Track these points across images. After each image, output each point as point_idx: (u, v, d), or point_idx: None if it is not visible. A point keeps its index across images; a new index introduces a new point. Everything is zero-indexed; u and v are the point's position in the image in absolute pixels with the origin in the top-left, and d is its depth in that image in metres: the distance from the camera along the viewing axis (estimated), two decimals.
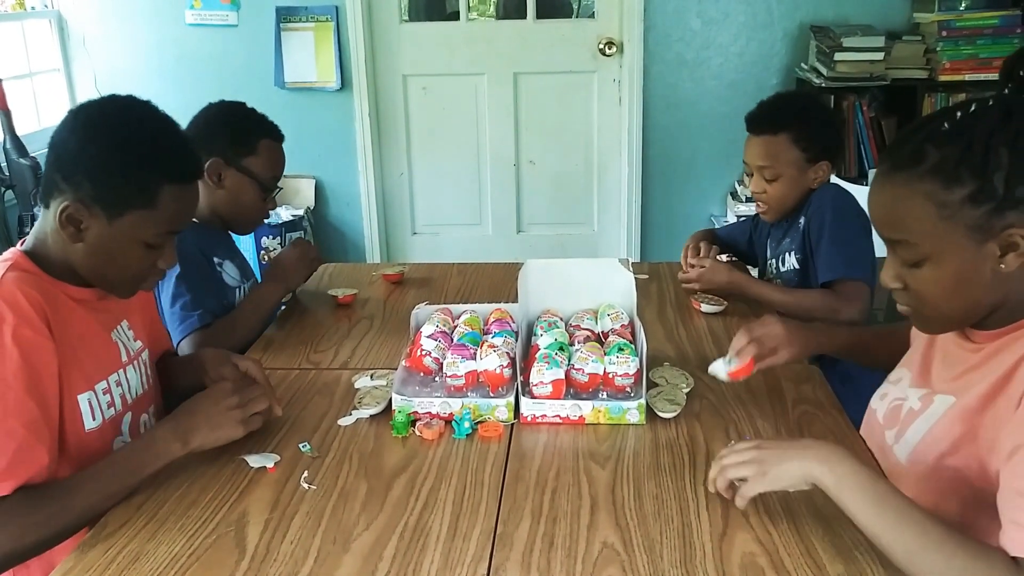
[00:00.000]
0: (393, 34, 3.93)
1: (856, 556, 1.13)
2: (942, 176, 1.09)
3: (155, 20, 3.88)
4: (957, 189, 1.08)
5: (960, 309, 1.17)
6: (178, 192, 1.37)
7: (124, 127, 1.35)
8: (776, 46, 3.79)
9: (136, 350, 1.52)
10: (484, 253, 4.03)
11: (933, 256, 1.13)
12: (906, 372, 1.38)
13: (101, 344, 1.43)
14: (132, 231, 1.34)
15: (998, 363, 1.16)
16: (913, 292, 1.19)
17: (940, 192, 1.09)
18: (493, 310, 1.82)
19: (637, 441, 1.46)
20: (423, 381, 1.61)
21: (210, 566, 1.16)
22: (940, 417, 1.23)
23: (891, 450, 1.32)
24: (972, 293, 1.14)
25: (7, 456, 1.19)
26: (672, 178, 3.99)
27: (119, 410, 1.43)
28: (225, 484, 1.35)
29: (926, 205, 1.10)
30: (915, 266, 1.16)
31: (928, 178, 1.10)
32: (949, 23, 3.44)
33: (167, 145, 1.38)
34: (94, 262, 1.36)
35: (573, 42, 3.92)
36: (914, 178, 1.11)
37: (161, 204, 1.34)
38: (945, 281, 1.14)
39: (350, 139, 3.99)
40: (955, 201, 1.09)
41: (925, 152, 1.11)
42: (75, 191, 1.31)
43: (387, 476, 1.37)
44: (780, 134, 2.01)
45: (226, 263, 2.06)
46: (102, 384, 1.40)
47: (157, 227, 1.36)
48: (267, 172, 2.06)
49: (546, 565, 1.15)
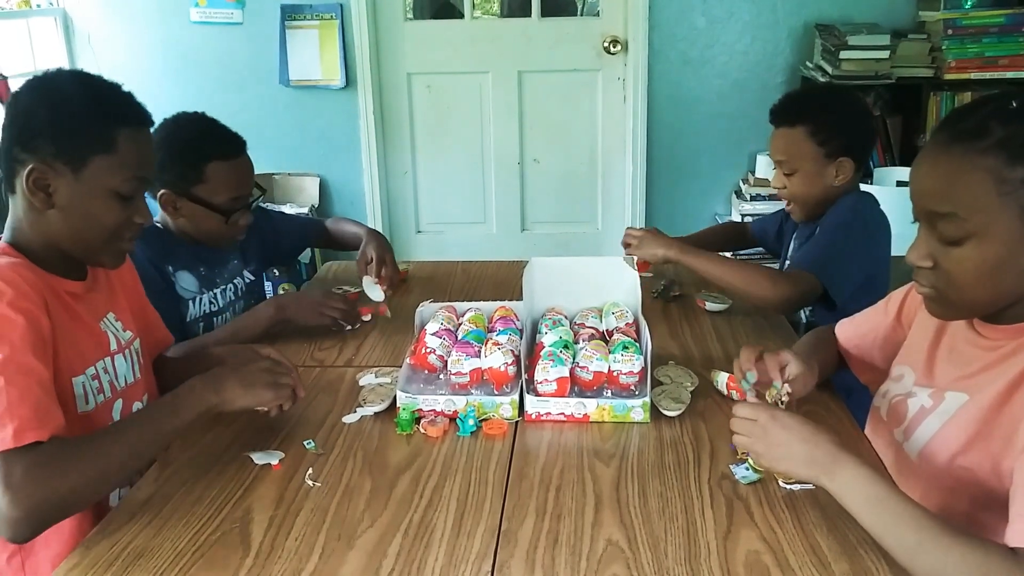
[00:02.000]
0: (397, 32, 3.93)
1: (861, 554, 1.13)
2: (1007, 152, 1.07)
3: (160, 18, 3.88)
4: (1021, 167, 1.07)
5: (986, 296, 1.16)
6: (134, 135, 1.38)
7: (68, 84, 1.39)
8: (781, 44, 3.78)
9: (127, 340, 1.52)
10: (488, 252, 4.03)
11: (979, 234, 1.11)
12: (907, 369, 1.37)
13: (90, 331, 1.43)
14: (100, 180, 1.35)
15: (1015, 362, 1.15)
16: (943, 272, 1.16)
17: (1003, 168, 1.08)
18: (498, 308, 1.82)
19: (641, 439, 1.46)
20: (427, 379, 1.61)
21: (215, 562, 1.16)
22: (953, 415, 1.23)
23: (900, 447, 1.32)
24: (1004, 280, 1.13)
25: (30, 407, 1.18)
26: (676, 177, 3.99)
27: (108, 396, 1.43)
28: (230, 481, 1.35)
29: (985, 180, 1.08)
30: (954, 244, 1.13)
31: (992, 153, 1.08)
32: (955, 21, 3.43)
33: (113, 92, 1.40)
34: (71, 226, 1.36)
35: (577, 40, 3.92)
36: (976, 152, 1.09)
37: (121, 147, 1.35)
38: (983, 262, 1.12)
39: (354, 137, 3.99)
40: (1017, 179, 1.07)
41: (990, 127, 1.09)
42: (35, 155, 1.32)
43: (391, 473, 1.37)
44: (797, 127, 1.96)
45: (181, 273, 1.96)
46: (90, 370, 1.40)
47: (122, 172, 1.37)
48: (223, 195, 1.92)
49: (550, 562, 1.14)
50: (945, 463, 1.22)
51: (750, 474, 1.24)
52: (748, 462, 1.26)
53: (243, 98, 3.90)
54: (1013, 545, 1.01)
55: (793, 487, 1.29)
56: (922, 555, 1.03)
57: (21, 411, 1.17)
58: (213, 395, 1.35)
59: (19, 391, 1.18)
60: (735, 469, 1.30)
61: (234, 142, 1.97)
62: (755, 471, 1.24)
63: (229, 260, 2.10)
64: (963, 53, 3.43)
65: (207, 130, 1.95)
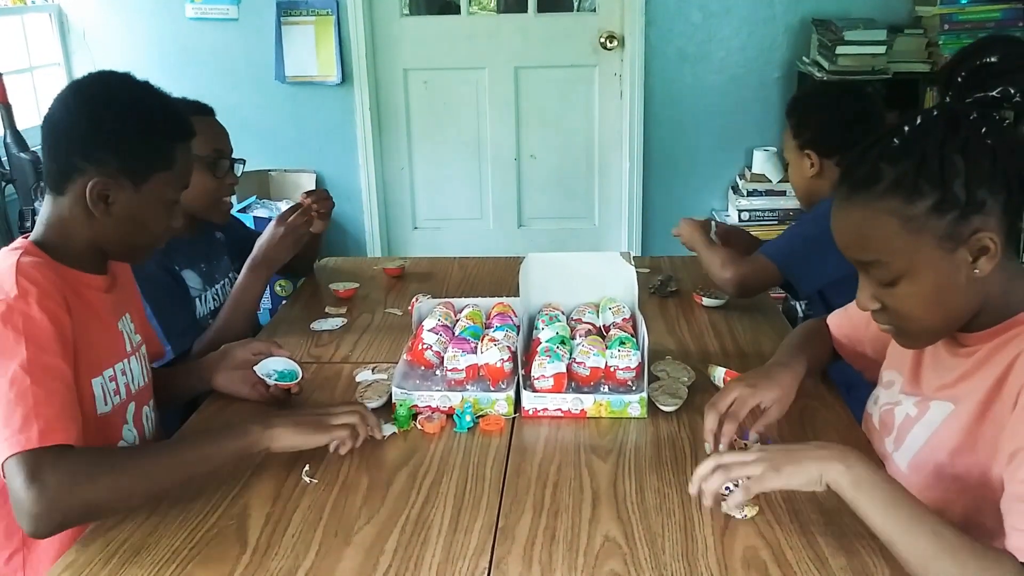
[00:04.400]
0: (394, 28, 3.92)
1: (858, 549, 1.13)
2: (902, 191, 1.09)
3: (156, 14, 3.87)
4: (919, 202, 1.08)
5: (941, 320, 1.17)
6: (187, 148, 1.45)
7: (128, 98, 1.41)
8: (778, 40, 3.78)
9: (137, 343, 1.53)
10: (485, 247, 4.02)
11: (907, 272, 1.12)
12: (896, 375, 1.37)
13: (109, 331, 1.44)
14: (158, 193, 1.40)
15: (991, 368, 1.15)
16: (892, 311, 1.18)
17: (903, 207, 1.09)
18: (496, 304, 1.82)
19: (639, 435, 1.46)
20: (424, 375, 1.61)
21: (211, 559, 1.16)
22: (939, 425, 1.22)
23: (891, 457, 1.32)
24: (952, 302, 1.14)
25: (56, 408, 1.18)
26: (673, 172, 3.98)
27: (123, 399, 1.44)
28: (226, 478, 1.35)
29: (891, 222, 1.10)
30: (890, 285, 1.15)
31: (888, 196, 1.10)
32: (951, 16, 3.43)
33: (169, 106, 1.45)
34: (123, 233, 1.40)
35: (574, 36, 3.91)
36: (874, 198, 1.11)
37: (177, 162, 1.42)
38: (923, 295, 1.13)
39: (351, 133, 3.98)
40: (919, 214, 1.08)
41: (880, 171, 1.10)
42: (98, 167, 1.34)
43: (388, 470, 1.37)
44: (790, 118, 2.10)
45: (185, 272, 1.97)
46: (109, 371, 1.41)
47: (175, 184, 1.44)
48: (205, 147, 1.89)
49: (548, 559, 1.14)
50: (935, 472, 1.22)
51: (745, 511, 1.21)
52: None
53: (239, 94, 3.89)
54: (1023, 560, 1.00)
55: None
56: (936, 564, 1.01)
57: (47, 411, 1.17)
58: (259, 428, 1.32)
59: (45, 391, 1.18)
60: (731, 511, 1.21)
61: (204, 104, 1.99)
62: (750, 506, 1.21)
63: (221, 257, 2.11)
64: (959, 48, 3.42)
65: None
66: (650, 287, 2.12)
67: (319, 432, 1.37)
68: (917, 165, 1.08)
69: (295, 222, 2.01)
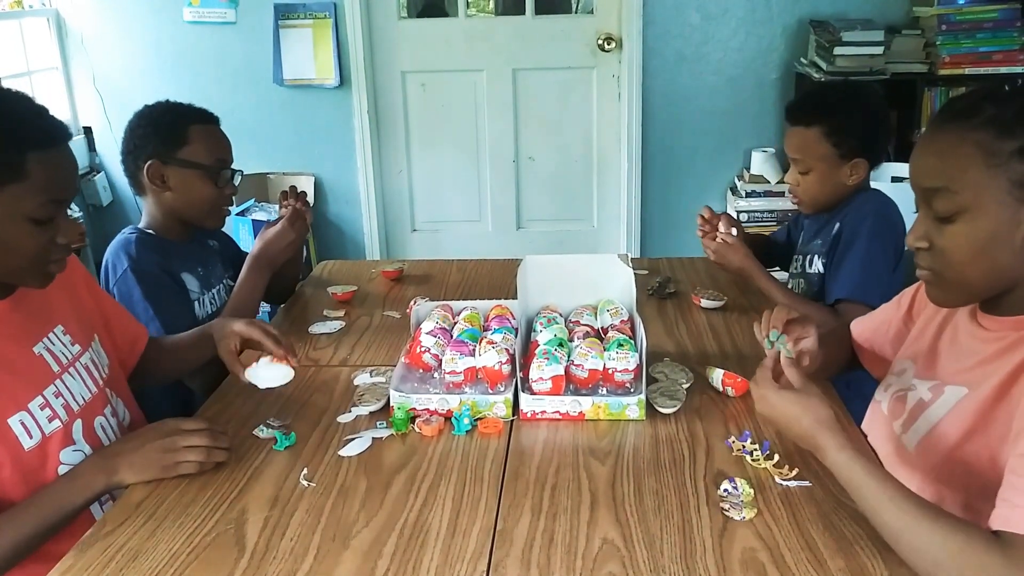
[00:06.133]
0: (392, 31, 3.92)
1: (856, 550, 1.13)
2: (996, 127, 1.10)
3: (153, 18, 3.87)
4: (1009, 141, 1.09)
5: (982, 276, 1.16)
6: (46, 156, 1.29)
7: None
8: (775, 41, 3.78)
9: (73, 355, 1.45)
10: (484, 250, 4.03)
11: (970, 208, 1.12)
12: (909, 363, 1.38)
13: (23, 362, 1.37)
14: (11, 208, 1.27)
15: (1013, 355, 1.16)
16: (939, 251, 1.17)
17: (991, 142, 1.10)
18: (494, 307, 1.82)
19: (637, 437, 1.46)
20: (422, 377, 1.61)
21: (210, 563, 1.16)
22: (952, 408, 1.23)
23: (898, 440, 1.33)
24: (998, 258, 1.13)
25: None
26: (672, 173, 3.98)
27: (65, 421, 1.38)
28: (224, 481, 1.35)
29: (975, 153, 1.11)
30: (947, 220, 1.15)
31: (981, 128, 1.11)
32: (949, 17, 3.43)
33: (22, 113, 1.30)
34: None
35: (572, 38, 3.91)
36: (967, 128, 1.12)
37: (31, 174, 1.26)
38: (975, 239, 1.13)
39: (349, 136, 3.98)
40: (1005, 152, 1.09)
41: (982, 107, 1.12)
42: None
43: (386, 473, 1.37)
44: (813, 127, 1.96)
45: (184, 275, 1.97)
46: (38, 400, 1.35)
47: (37, 198, 1.28)
48: (209, 156, 1.95)
49: (546, 561, 1.14)
50: (943, 455, 1.23)
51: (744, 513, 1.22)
52: (741, 497, 1.24)
53: (237, 98, 3.89)
54: (996, 528, 1.02)
55: (789, 484, 1.29)
56: (905, 537, 1.06)
57: None
58: (103, 479, 1.32)
59: None
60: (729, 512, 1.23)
61: (209, 113, 2.02)
62: (749, 508, 1.22)
63: (216, 263, 2.12)
64: (957, 48, 3.43)
65: (183, 105, 2.01)
66: (648, 289, 2.12)
67: (165, 465, 1.34)
68: (1018, 109, 1.10)
69: (301, 226, 2.08)
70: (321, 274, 2.43)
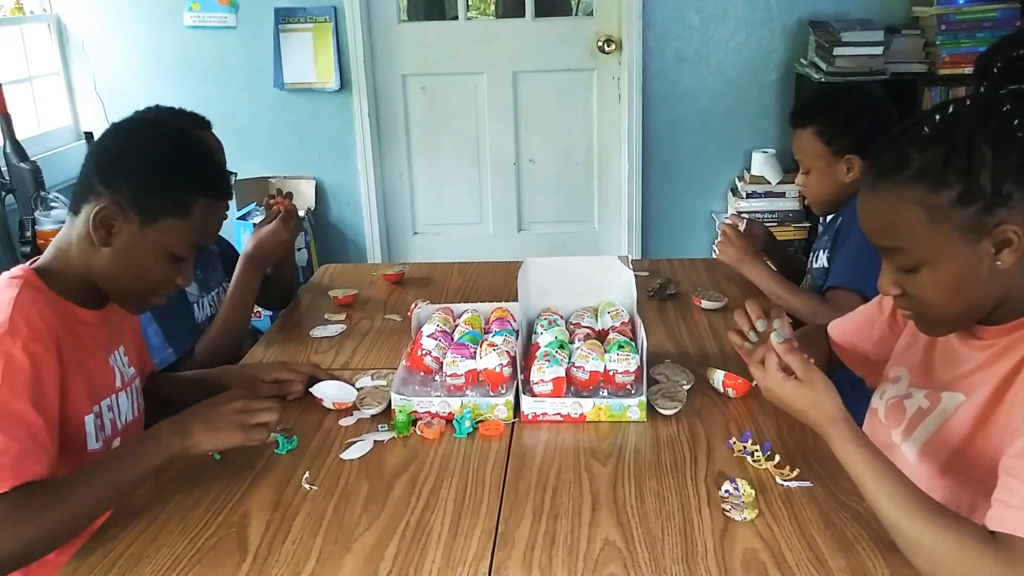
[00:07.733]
0: (392, 34, 3.93)
1: (858, 550, 1.13)
2: (928, 180, 1.09)
3: (154, 23, 3.87)
4: (944, 192, 1.08)
5: (962, 309, 1.17)
6: (210, 205, 1.40)
7: (168, 136, 1.41)
8: (775, 41, 3.78)
9: (130, 376, 1.51)
10: (485, 252, 4.03)
11: (929, 260, 1.13)
12: (904, 371, 1.38)
13: (100, 367, 1.43)
14: (161, 239, 1.36)
15: (1007, 360, 1.16)
16: (913, 297, 1.18)
17: (928, 196, 1.09)
18: (495, 309, 1.82)
19: (638, 438, 1.46)
20: (423, 380, 1.61)
21: (212, 567, 1.16)
22: (951, 415, 1.23)
23: (898, 448, 1.32)
24: (972, 292, 1.14)
25: (10, 456, 1.18)
26: (672, 175, 3.98)
27: (109, 435, 1.42)
28: (227, 486, 1.35)
29: (915, 210, 1.10)
30: (911, 272, 1.15)
31: (914, 183, 1.10)
32: (948, 16, 3.43)
33: (207, 160, 1.43)
34: (117, 268, 1.37)
35: (572, 40, 3.92)
36: (900, 185, 1.11)
37: (194, 215, 1.37)
38: (944, 283, 1.13)
39: (350, 140, 3.99)
40: (943, 204, 1.08)
41: (908, 158, 1.10)
42: (112, 194, 1.33)
43: (388, 476, 1.37)
44: (808, 127, 2.04)
45: None
46: (96, 407, 1.39)
47: (185, 238, 1.38)
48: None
49: (548, 563, 1.14)
50: (944, 462, 1.23)
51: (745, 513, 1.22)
52: (743, 498, 1.24)
53: (238, 102, 3.89)
54: (991, 528, 1.02)
55: (790, 484, 1.29)
56: (901, 532, 1.07)
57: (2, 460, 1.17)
58: (177, 440, 1.31)
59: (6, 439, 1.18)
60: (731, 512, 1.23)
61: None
62: (750, 508, 1.23)
63: (216, 266, 2.13)
64: (957, 48, 3.43)
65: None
66: (649, 290, 2.13)
67: (237, 432, 1.34)
68: (945, 154, 1.08)
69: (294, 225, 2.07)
70: (322, 278, 2.43)
